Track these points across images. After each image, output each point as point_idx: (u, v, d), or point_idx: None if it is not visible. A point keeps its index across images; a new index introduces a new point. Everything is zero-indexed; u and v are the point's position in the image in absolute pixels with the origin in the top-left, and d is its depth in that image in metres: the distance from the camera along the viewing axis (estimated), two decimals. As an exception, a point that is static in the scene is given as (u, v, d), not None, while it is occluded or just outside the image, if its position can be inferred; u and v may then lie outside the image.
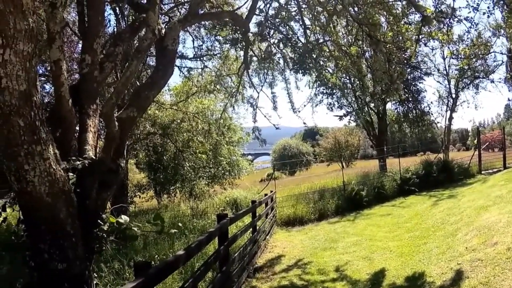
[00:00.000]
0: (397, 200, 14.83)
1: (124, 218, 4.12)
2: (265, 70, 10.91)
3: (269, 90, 11.73)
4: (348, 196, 14.22)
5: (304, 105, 17.82)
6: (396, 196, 15.36)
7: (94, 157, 4.40)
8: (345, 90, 22.70)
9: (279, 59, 10.64)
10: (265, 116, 12.43)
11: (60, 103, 4.33)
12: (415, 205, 13.18)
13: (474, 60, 25.02)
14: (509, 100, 28.65)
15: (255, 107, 11.65)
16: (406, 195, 15.41)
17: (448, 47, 24.33)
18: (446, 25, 8.36)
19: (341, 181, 16.19)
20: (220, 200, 14.60)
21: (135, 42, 8.48)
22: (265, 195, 11.70)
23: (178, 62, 16.28)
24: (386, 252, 8.18)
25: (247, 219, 9.68)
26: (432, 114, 23.13)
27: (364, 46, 9.64)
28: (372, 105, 23.48)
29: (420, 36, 8.92)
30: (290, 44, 9.25)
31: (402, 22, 9.39)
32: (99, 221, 4.08)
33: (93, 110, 4.94)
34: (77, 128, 4.83)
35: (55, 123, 4.37)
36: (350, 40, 10.23)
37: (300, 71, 8.88)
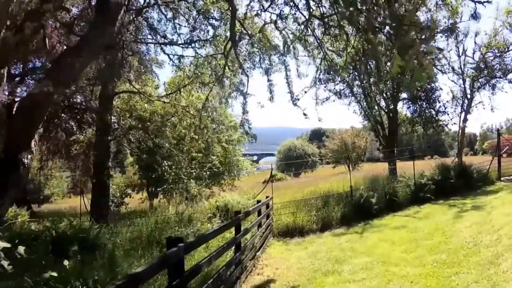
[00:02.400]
0: (411, 209, 12.73)
1: None
2: (260, 52, 8.97)
3: (265, 78, 9.74)
4: (356, 204, 12.17)
5: (305, 91, 15.59)
6: (409, 204, 13.26)
7: None
8: (353, 81, 20.68)
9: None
10: (260, 106, 10.42)
11: None
12: (434, 216, 11.09)
13: (491, 58, 22.94)
14: None
15: (245, 94, 9.70)
16: (420, 203, 13.30)
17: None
18: None
19: (348, 185, 14.18)
20: (210, 205, 12.69)
21: None
22: (258, 201, 9.71)
23: (168, 49, 14.52)
24: (405, 283, 6.14)
25: (229, 234, 7.69)
26: (448, 113, 20.90)
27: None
28: (382, 103, 21.39)
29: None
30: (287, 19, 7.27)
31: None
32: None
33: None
34: None
35: None
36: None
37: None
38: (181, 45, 13.39)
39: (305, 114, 10.75)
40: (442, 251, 7.54)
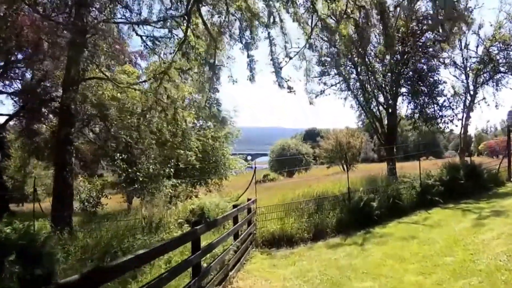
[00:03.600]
0: (419, 215, 10.84)
1: None
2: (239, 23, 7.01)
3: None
4: (354, 208, 10.23)
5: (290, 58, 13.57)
6: (415, 209, 11.37)
7: None
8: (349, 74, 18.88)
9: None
10: (233, 81, 8.40)
11: None
12: (447, 224, 9.20)
13: (495, 52, 21.22)
14: None
15: (212, 66, 7.74)
16: (428, 207, 11.43)
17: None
18: None
19: (344, 186, 12.32)
20: (184, 209, 10.71)
21: None
22: (234, 206, 7.76)
23: (141, 30, 12.50)
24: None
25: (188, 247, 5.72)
26: (452, 108, 19.07)
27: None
28: (381, 99, 19.51)
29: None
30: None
31: None
32: None
33: None
34: None
35: None
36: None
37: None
38: (153, 25, 11.39)
39: (290, 88, 8.69)
40: (471, 274, 5.63)
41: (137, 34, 12.69)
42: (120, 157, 13.70)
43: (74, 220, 15.28)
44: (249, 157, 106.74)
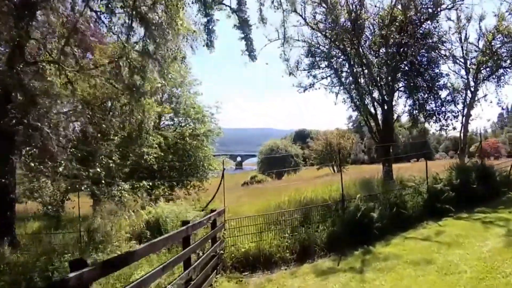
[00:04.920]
0: (428, 227, 8.73)
1: None
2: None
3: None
4: (350, 219, 8.03)
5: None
6: (422, 219, 9.25)
7: None
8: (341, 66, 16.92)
9: None
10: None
11: None
12: (468, 241, 7.10)
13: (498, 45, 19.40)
14: (503, 109, 23.67)
15: None
16: (437, 217, 9.34)
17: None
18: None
19: (337, 191, 10.26)
20: (138, 220, 8.45)
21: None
22: (184, 223, 5.48)
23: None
24: None
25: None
26: (457, 103, 17.13)
27: None
28: (375, 94, 17.45)
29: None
30: None
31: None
32: None
33: None
34: None
35: None
36: None
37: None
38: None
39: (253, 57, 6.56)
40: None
41: (91, 10, 10.48)
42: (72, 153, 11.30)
43: (33, 226, 13.03)
44: (238, 158, 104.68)
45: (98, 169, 10.11)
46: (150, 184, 13.04)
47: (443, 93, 17.10)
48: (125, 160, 11.79)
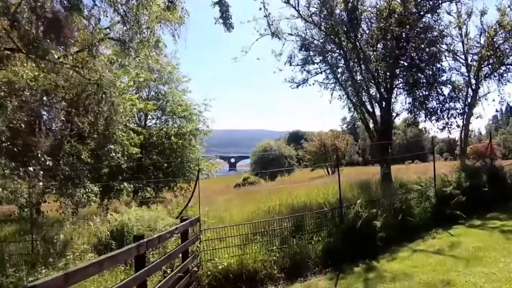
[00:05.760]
0: (438, 237, 7.53)
1: None
2: None
3: None
4: (349, 229, 6.78)
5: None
6: (430, 227, 8.05)
7: None
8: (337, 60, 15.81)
9: None
10: None
11: None
12: (489, 255, 5.91)
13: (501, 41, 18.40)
14: (496, 111, 23.12)
15: None
16: (447, 225, 8.15)
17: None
18: None
19: (333, 195, 9.13)
20: (103, 228, 7.17)
21: None
22: (136, 238, 4.18)
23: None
24: None
25: None
26: (459, 100, 16.05)
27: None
28: (373, 91, 16.30)
29: None
30: None
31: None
32: None
33: None
34: None
35: None
36: None
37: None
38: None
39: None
40: None
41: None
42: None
43: (8, 230, 11.73)
44: (232, 160, 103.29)
45: (64, 168, 8.77)
46: (123, 186, 11.70)
47: (445, 90, 15.99)
48: (99, 160, 10.44)
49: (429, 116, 15.52)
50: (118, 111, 9.21)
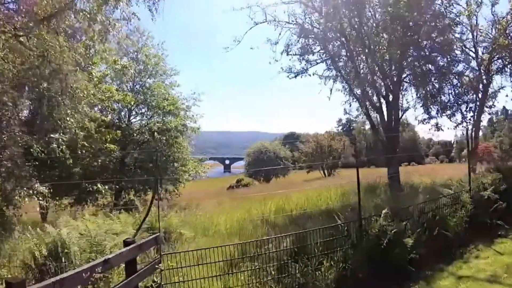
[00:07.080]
0: (481, 256, 5.73)
1: None
2: None
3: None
4: (373, 249, 4.95)
5: None
6: (468, 242, 6.25)
7: None
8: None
9: None
10: None
11: None
12: None
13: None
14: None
15: None
16: (487, 238, 6.38)
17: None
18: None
19: (336, 200, 7.37)
20: (41, 243, 5.25)
21: None
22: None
23: None
24: None
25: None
26: (474, 93, 14.39)
27: None
28: (379, 82, 14.55)
29: None
30: None
31: None
32: None
33: None
34: None
35: None
36: None
37: None
38: None
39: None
40: None
41: None
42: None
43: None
44: (227, 161, 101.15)
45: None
46: (96, 188, 9.82)
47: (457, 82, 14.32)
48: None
49: (442, 111, 13.79)
50: (75, 95, 7.31)
